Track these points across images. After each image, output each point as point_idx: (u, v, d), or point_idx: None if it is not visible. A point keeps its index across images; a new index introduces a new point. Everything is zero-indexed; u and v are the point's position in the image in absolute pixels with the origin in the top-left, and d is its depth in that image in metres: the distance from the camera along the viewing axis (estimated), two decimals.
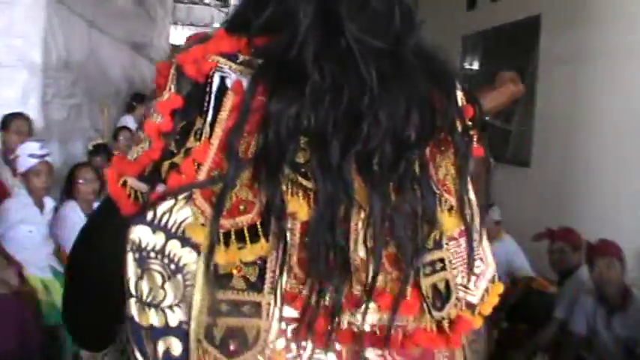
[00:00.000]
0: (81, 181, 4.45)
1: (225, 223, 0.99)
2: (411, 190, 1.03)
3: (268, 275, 1.01)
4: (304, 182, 1.00)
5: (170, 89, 1.07)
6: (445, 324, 1.09)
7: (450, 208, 1.09)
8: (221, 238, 0.99)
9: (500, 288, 1.16)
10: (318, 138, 1.00)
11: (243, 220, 1.00)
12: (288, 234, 1.00)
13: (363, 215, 1.01)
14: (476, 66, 8.35)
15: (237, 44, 1.06)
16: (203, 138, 1.01)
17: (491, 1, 7.82)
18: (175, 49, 1.22)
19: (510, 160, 7.13)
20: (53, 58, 5.10)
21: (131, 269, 1.03)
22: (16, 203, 4.12)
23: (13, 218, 4.06)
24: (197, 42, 1.10)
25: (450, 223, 1.10)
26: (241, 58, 1.05)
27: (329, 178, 0.99)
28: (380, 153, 1.01)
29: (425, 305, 1.07)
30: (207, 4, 19.33)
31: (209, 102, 1.03)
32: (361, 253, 1.03)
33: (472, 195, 1.13)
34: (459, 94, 1.13)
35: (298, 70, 1.00)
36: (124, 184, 1.08)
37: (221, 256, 0.99)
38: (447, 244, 1.08)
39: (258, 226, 0.99)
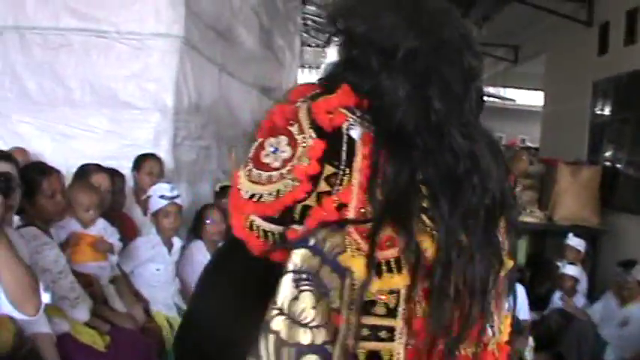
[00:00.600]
0: (208, 221, 4.58)
1: (378, 255, 1.15)
2: (490, 248, 1.27)
3: (402, 303, 1.17)
4: (430, 223, 1.19)
5: (311, 134, 1.21)
6: (495, 348, 1.33)
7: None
8: (375, 269, 1.14)
9: (508, 319, 1.41)
10: (431, 194, 1.21)
11: (390, 253, 1.16)
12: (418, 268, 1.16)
13: (459, 269, 1.21)
14: (607, 112, 8.02)
15: (356, 100, 1.24)
16: (345, 182, 1.19)
17: (624, 46, 7.53)
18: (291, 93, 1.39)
19: None
20: (185, 102, 5.25)
21: (287, 289, 1.15)
22: (146, 242, 4.27)
23: (142, 256, 4.20)
24: (319, 93, 1.26)
25: (509, 264, 1.35)
26: (358, 112, 1.24)
27: (443, 228, 1.19)
28: (476, 216, 1.24)
29: (491, 332, 1.31)
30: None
31: (345, 151, 1.20)
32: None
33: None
34: None
35: (404, 139, 1.22)
36: (251, 226, 1.23)
37: (375, 285, 1.15)
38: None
39: (402, 260, 1.16)
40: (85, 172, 4.14)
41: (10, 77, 5.20)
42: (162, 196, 4.29)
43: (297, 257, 1.16)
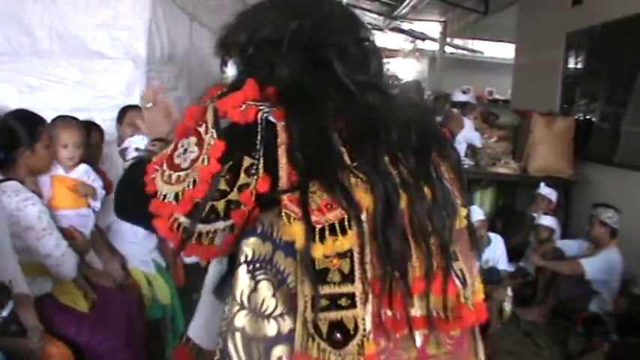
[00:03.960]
0: None
1: (318, 219, 1.18)
2: (436, 187, 1.33)
3: (356, 265, 1.19)
4: (361, 176, 1.24)
5: (213, 134, 1.31)
6: (470, 303, 1.35)
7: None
8: (317, 234, 1.18)
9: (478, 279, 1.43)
10: (352, 145, 1.29)
11: (333, 215, 1.19)
12: (364, 225, 1.20)
13: (406, 212, 1.27)
14: (580, 64, 7.97)
15: (261, 93, 1.34)
16: (260, 171, 1.26)
17: None
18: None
19: (621, 163, 6.78)
20: (157, 51, 5.05)
21: (244, 282, 1.20)
22: None
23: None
24: (225, 92, 1.36)
25: (463, 212, 1.41)
26: (268, 102, 1.33)
27: (374, 173, 1.25)
28: (404, 159, 1.32)
29: (460, 287, 1.33)
30: None
31: (259, 140, 1.28)
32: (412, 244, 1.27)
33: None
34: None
35: (310, 103, 1.32)
36: (178, 226, 1.30)
37: (318, 250, 1.17)
38: (456, 239, 1.36)
39: (346, 220, 1.19)
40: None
41: None
42: (137, 149, 4.10)
43: (248, 247, 1.22)
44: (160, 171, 1.36)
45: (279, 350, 1.18)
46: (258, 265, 1.20)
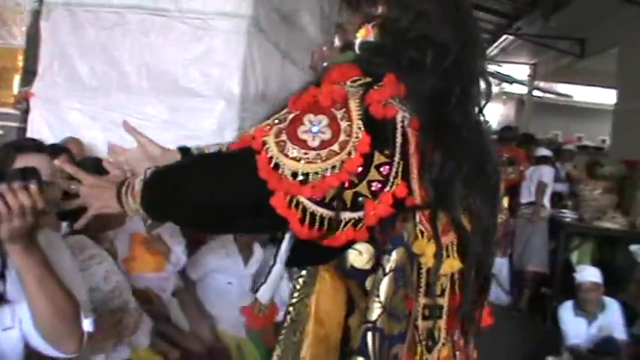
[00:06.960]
0: None
1: (444, 240, 1.34)
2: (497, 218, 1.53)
3: (448, 284, 1.40)
4: (466, 205, 1.40)
5: (360, 126, 1.25)
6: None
7: None
8: (443, 251, 1.33)
9: None
10: (468, 186, 1.37)
11: (448, 239, 1.35)
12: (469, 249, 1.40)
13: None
14: None
15: (399, 89, 1.32)
16: (399, 175, 1.26)
17: None
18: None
19: None
20: (251, 90, 4.77)
21: (388, 288, 1.28)
22: (216, 249, 3.70)
23: (209, 265, 3.65)
24: (369, 82, 1.31)
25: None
26: (398, 99, 1.31)
27: (477, 219, 1.40)
28: (494, 199, 1.48)
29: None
30: None
31: (400, 143, 1.27)
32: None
33: None
34: None
35: (451, 131, 1.34)
36: (297, 205, 1.23)
37: (443, 267, 1.34)
38: None
39: (454, 244, 1.37)
40: None
41: (59, 60, 4.80)
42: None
43: (397, 255, 1.29)
44: (273, 138, 1.26)
45: (397, 348, 1.30)
46: (400, 273, 1.29)
